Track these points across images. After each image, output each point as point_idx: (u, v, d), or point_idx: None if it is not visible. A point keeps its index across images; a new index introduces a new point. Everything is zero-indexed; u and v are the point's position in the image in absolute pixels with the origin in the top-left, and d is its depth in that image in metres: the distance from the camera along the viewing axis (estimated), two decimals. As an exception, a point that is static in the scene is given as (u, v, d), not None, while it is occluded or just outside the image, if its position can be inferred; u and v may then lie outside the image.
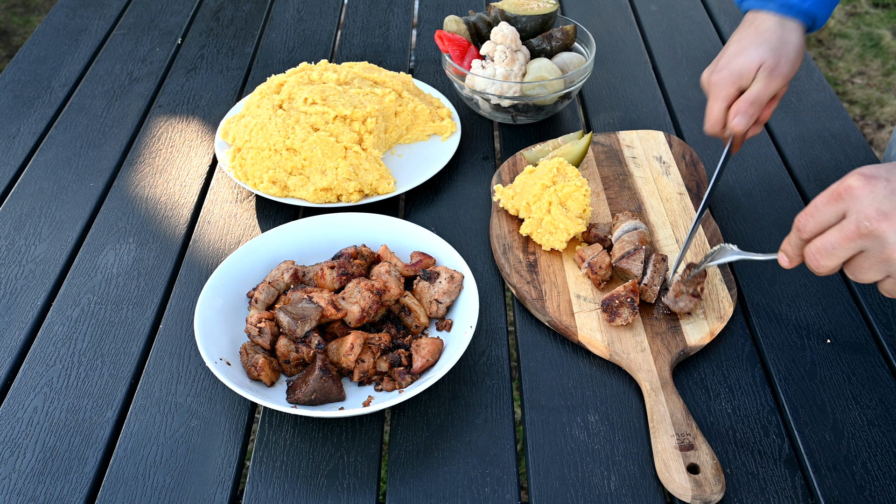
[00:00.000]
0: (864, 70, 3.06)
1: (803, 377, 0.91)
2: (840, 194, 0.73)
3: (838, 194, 0.73)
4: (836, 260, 0.74)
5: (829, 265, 0.75)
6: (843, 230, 0.73)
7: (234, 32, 1.55)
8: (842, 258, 0.74)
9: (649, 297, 0.96)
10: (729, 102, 1.02)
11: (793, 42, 1.01)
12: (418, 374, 0.89)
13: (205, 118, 1.33)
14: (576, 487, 0.81)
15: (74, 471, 0.83)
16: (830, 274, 0.77)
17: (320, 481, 0.82)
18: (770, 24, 1.01)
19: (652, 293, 0.95)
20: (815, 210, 0.76)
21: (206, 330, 0.89)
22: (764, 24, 1.02)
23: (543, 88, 1.21)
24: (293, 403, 0.86)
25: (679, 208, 1.11)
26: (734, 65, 1.00)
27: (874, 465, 0.83)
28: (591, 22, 1.57)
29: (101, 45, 1.52)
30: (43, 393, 0.91)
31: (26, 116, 1.33)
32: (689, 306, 0.94)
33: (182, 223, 1.13)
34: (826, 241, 0.74)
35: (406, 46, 1.51)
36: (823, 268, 0.75)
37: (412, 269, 0.98)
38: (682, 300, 0.94)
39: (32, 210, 1.15)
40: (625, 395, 0.90)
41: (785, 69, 1.00)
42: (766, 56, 0.99)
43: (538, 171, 1.07)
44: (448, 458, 0.84)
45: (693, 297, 0.94)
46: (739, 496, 0.80)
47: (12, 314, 1.00)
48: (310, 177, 1.12)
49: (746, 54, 1.00)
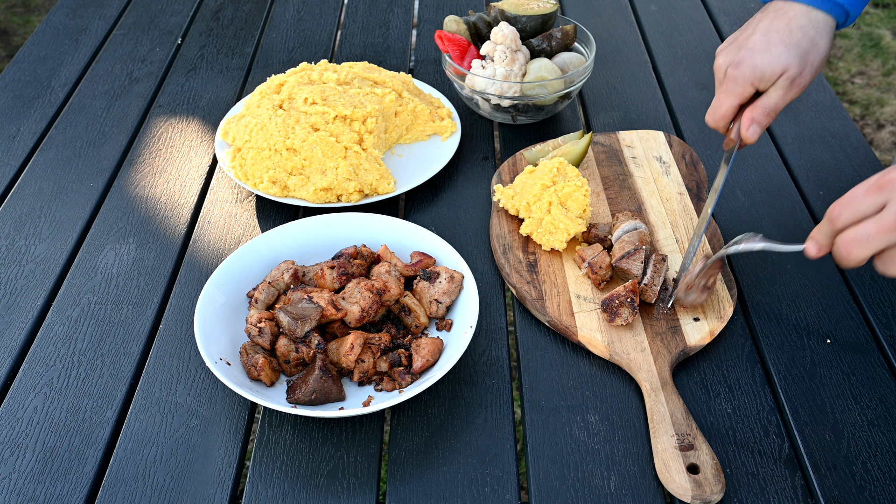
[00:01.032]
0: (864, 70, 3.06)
1: (803, 377, 0.91)
2: (882, 186, 0.72)
3: (880, 185, 0.72)
4: (869, 250, 0.73)
5: (861, 255, 0.74)
6: (882, 221, 0.72)
7: (234, 32, 1.55)
8: (875, 249, 0.73)
9: (649, 297, 0.96)
10: (742, 101, 0.95)
11: (821, 47, 0.93)
12: (418, 374, 0.89)
13: (205, 118, 1.33)
14: (576, 487, 0.81)
15: (74, 471, 0.83)
16: (858, 266, 0.76)
17: (320, 481, 0.82)
18: (802, 20, 0.93)
19: (652, 293, 0.95)
20: (853, 200, 0.74)
21: (206, 330, 0.89)
22: (796, 21, 0.93)
23: (543, 88, 1.21)
24: (293, 403, 0.86)
25: (679, 208, 1.11)
26: (758, 62, 0.92)
27: (874, 465, 0.83)
28: (591, 22, 1.57)
29: (101, 45, 1.52)
30: (43, 393, 0.91)
31: (26, 116, 1.33)
32: (700, 299, 0.94)
33: (182, 223, 1.13)
34: (862, 230, 0.73)
35: (406, 46, 1.51)
36: (854, 258, 0.74)
37: (412, 269, 0.98)
38: (693, 293, 0.93)
39: (32, 210, 1.15)
40: (625, 395, 0.90)
41: (807, 79, 0.94)
42: (791, 62, 0.92)
43: (538, 171, 1.07)
44: (448, 458, 0.84)
45: (705, 289, 0.93)
46: (739, 496, 0.80)
47: (12, 314, 1.00)
48: (310, 177, 1.12)
49: (772, 54, 0.92)
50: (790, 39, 0.92)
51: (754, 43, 0.94)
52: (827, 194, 1.16)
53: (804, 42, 0.92)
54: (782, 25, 0.93)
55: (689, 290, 0.93)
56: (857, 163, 1.21)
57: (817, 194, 1.16)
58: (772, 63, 0.92)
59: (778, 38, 0.93)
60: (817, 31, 0.93)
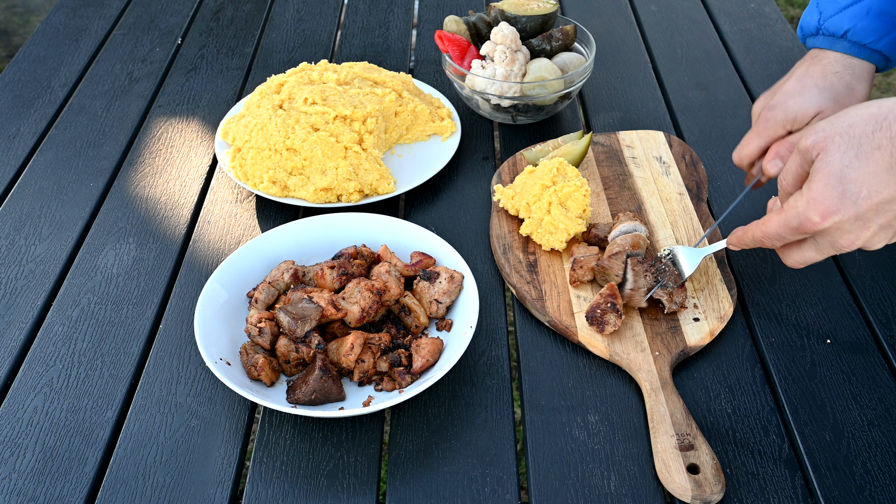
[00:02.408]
0: (864, 70, 3.05)
1: (803, 377, 0.91)
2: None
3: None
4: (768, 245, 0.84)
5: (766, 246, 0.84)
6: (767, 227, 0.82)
7: (234, 32, 1.55)
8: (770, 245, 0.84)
9: (636, 303, 0.95)
10: (771, 142, 0.95)
11: (859, 91, 0.93)
12: (418, 374, 0.89)
13: (205, 118, 1.33)
14: (576, 487, 0.81)
15: (74, 471, 0.83)
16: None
17: (320, 481, 0.82)
18: (838, 66, 0.94)
19: (639, 298, 0.95)
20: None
21: (206, 330, 0.89)
22: (831, 66, 0.94)
23: (543, 88, 1.21)
24: (293, 403, 0.86)
25: (679, 208, 1.11)
26: (790, 106, 0.93)
27: (874, 465, 0.83)
28: (591, 22, 1.57)
29: (101, 45, 1.52)
30: (43, 393, 0.91)
31: (26, 116, 1.33)
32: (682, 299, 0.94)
33: (182, 223, 1.13)
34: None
35: (406, 46, 1.51)
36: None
37: (412, 269, 0.98)
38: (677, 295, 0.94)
39: (32, 210, 1.15)
40: (625, 395, 0.90)
41: None
42: (825, 105, 0.92)
43: (538, 171, 1.07)
44: (448, 458, 0.84)
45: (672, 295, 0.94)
46: (739, 496, 0.80)
47: (12, 314, 1.00)
48: (310, 177, 1.12)
49: (805, 97, 0.92)
50: (824, 84, 0.93)
51: (789, 87, 0.94)
52: (827, 194, 1.15)
53: (839, 86, 0.92)
54: (817, 71, 0.94)
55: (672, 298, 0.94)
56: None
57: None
58: (804, 105, 0.92)
59: (812, 82, 0.93)
60: (854, 76, 0.93)
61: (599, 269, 0.97)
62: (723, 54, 1.47)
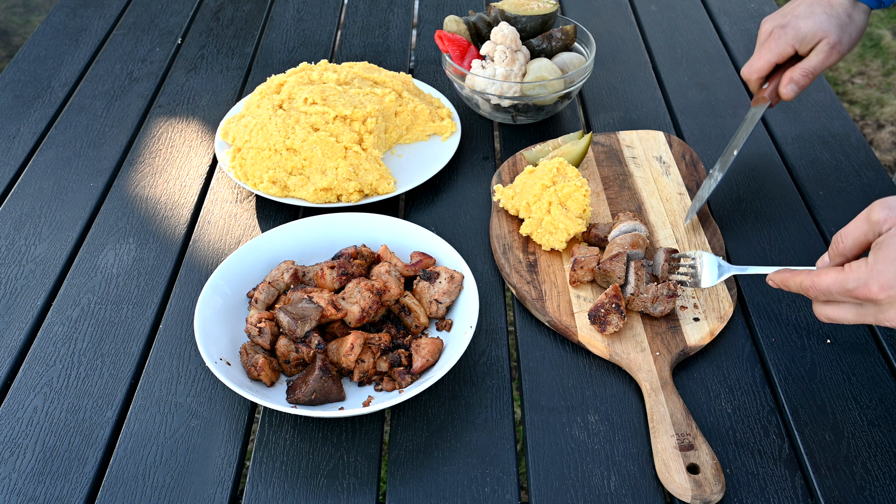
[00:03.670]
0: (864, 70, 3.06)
1: (803, 377, 0.91)
2: (860, 298, 0.77)
3: (857, 297, 0.77)
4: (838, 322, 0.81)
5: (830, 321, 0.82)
6: (862, 317, 0.78)
7: (234, 32, 1.55)
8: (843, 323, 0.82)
9: (637, 307, 0.95)
10: (779, 59, 1.07)
11: (858, 22, 1.05)
12: (418, 374, 0.89)
13: (205, 118, 1.33)
14: (576, 487, 0.81)
15: (74, 471, 0.83)
16: None
17: (320, 481, 0.82)
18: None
19: (640, 301, 0.94)
20: (830, 293, 0.79)
21: (206, 330, 0.89)
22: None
23: (543, 88, 1.21)
24: (293, 403, 0.86)
25: (679, 208, 1.11)
26: (801, 26, 1.04)
27: (874, 465, 0.83)
28: (591, 22, 1.57)
29: (101, 45, 1.52)
30: (43, 393, 0.91)
31: (26, 116, 1.33)
32: (667, 308, 0.93)
33: (182, 223, 1.13)
34: (842, 315, 0.80)
35: (406, 46, 1.51)
36: (823, 319, 0.82)
37: (412, 269, 0.98)
38: (660, 304, 0.93)
39: (32, 210, 1.15)
40: (625, 395, 0.90)
41: (845, 48, 1.04)
42: (831, 30, 1.03)
43: (538, 171, 1.07)
44: (448, 458, 0.84)
45: (669, 297, 0.93)
46: (739, 496, 0.80)
47: (12, 314, 1.00)
48: (310, 177, 1.12)
49: (814, 20, 1.04)
50: (831, 11, 1.05)
51: (800, 11, 1.06)
52: (827, 194, 1.16)
53: (843, 16, 1.04)
54: (824, 1, 1.06)
55: (656, 301, 0.93)
56: (857, 163, 1.21)
57: (817, 194, 1.16)
58: (814, 28, 1.04)
59: (821, 9, 1.05)
60: (855, 7, 1.05)
61: (601, 272, 0.97)
62: (723, 54, 1.47)
